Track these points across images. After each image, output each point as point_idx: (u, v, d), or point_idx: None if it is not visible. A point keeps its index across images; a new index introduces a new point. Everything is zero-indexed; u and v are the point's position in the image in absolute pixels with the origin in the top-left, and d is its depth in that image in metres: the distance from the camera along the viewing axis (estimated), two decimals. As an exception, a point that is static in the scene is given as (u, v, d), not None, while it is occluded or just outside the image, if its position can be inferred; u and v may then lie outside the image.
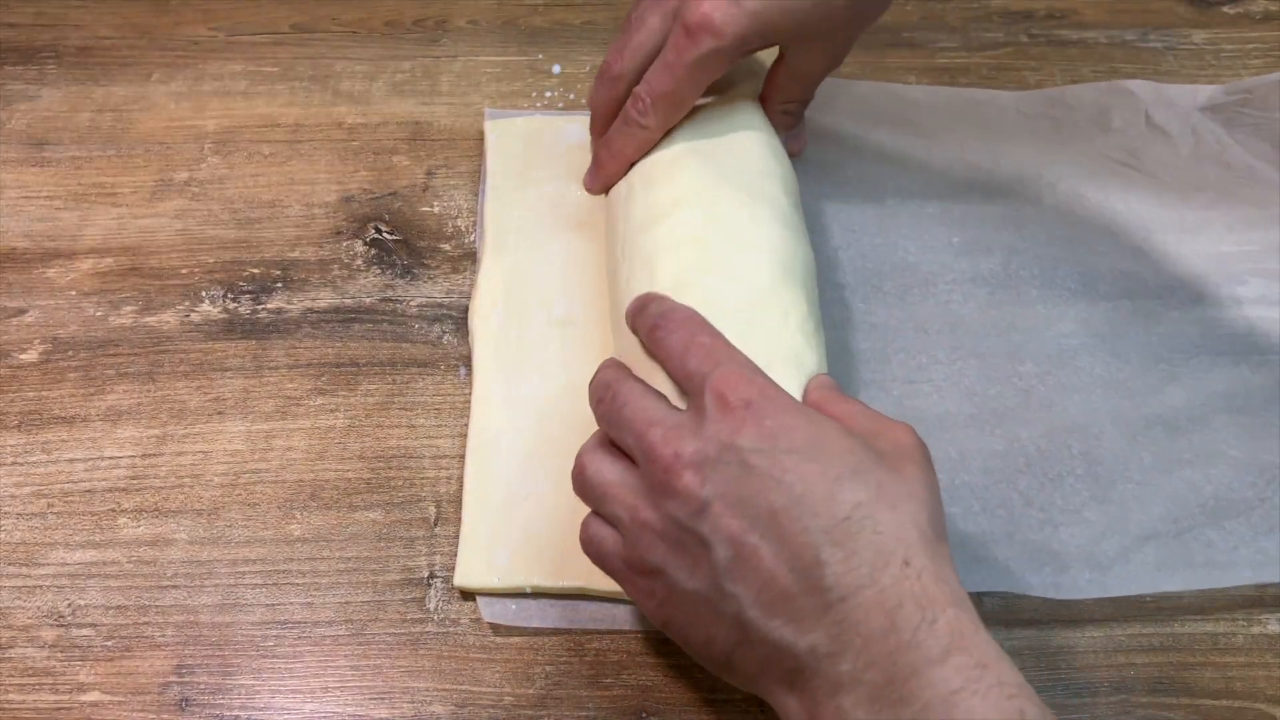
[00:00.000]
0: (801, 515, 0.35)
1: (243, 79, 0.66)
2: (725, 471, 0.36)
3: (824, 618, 0.34)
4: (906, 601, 0.34)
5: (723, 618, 0.37)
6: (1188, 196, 0.60)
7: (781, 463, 0.36)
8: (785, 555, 0.35)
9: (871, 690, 0.33)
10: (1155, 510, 0.48)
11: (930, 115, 0.64)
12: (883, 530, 0.35)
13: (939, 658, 0.33)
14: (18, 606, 0.45)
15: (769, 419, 0.37)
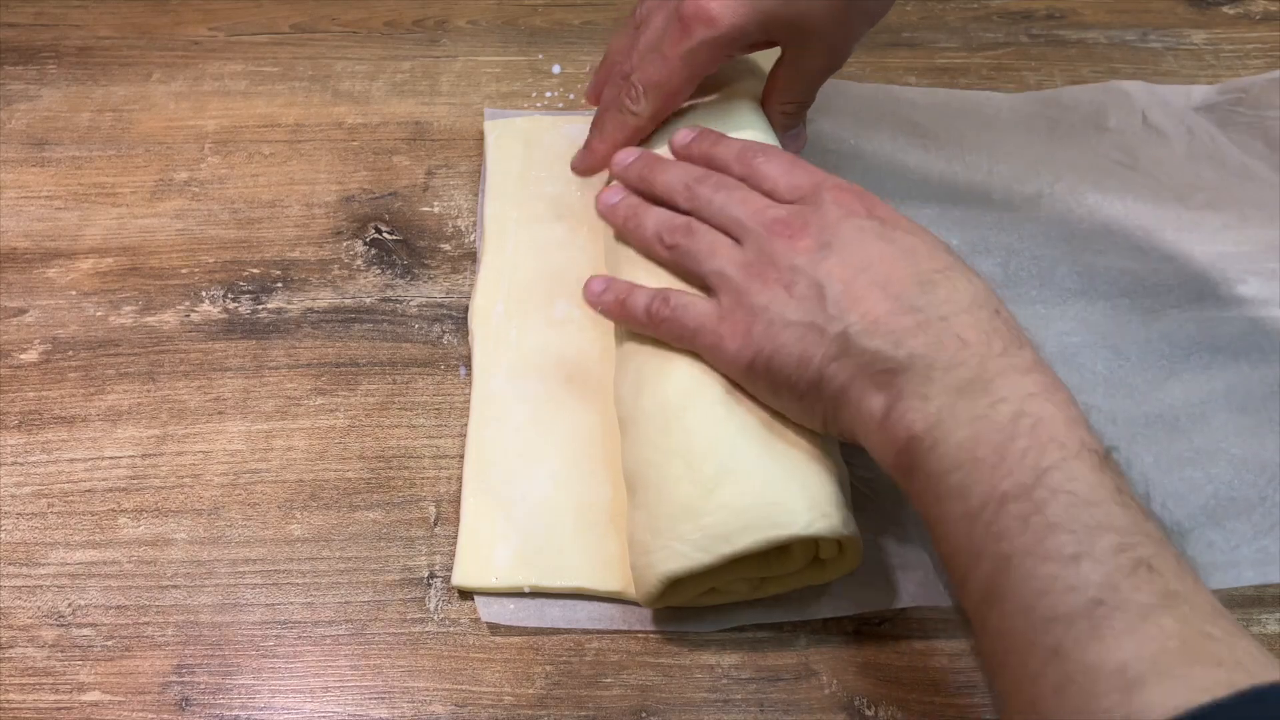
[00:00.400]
0: (908, 261, 0.41)
1: (243, 79, 0.66)
2: (843, 236, 0.43)
3: (925, 331, 0.39)
4: (997, 333, 0.39)
5: (824, 338, 0.41)
6: (1184, 196, 0.60)
7: (889, 233, 0.43)
8: (891, 290, 0.41)
9: (958, 381, 0.38)
10: (1156, 511, 0.48)
11: (928, 116, 0.64)
12: (975, 282, 0.41)
13: (1024, 370, 0.38)
14: (18, 606, 0.45)
15: (880, 209, 0.44)
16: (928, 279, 0.41)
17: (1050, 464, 0.35)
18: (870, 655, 0.44)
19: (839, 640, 0.45)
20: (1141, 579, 0.32)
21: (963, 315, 0.40)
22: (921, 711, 0.43)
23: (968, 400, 0.37)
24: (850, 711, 0.43)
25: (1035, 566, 0.33)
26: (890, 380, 0.39)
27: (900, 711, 0.43)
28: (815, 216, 0.44)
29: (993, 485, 0.35)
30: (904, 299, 0.40)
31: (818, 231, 0.43)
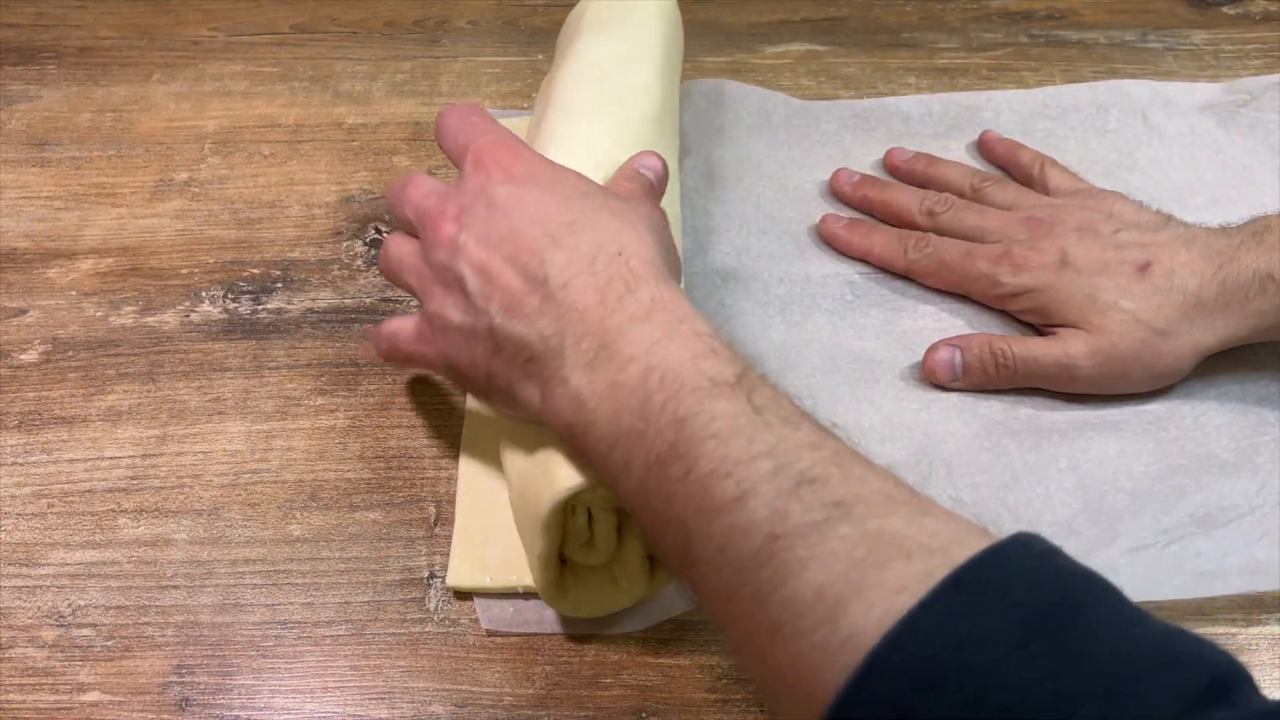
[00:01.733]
0: (532, 226, 0.40)
1: (243, 79, 0.66)
2: (476, 213, 0.41)
3: (549, 306, 0.39)
4: (614, 280, 0.38)
5: (478, 336, 0.40)
6: (1184, 197, 0.60)
7: (521, 194, 0.41)
8: (519, 263, 0.39)
9: (587, 357, 0.37)
10: (1145, 520, 0.47)
11: (923, 127, 0.64)
12: (601, 229, 0.40)
13: (642, 317, 0.37)
14: (18, 606, 0.45)
15: (516, 165, 0.42)
16: (551, 243, 0.40)
17: (686, 412, 0.34)
18: (870, 655, 0.44)
19: (839, 640, 0.45)
20: (806, 495, 0.32)
21: (581, 276, 0.39)
22: (921, 712, 0.43)
23: (601, 372, 0.37)
24: (850, 712, 0.43)
25: (708, 522, 0.33)
26: (536, 368, 0.39)
27: (900, 712, 0.43)
28: (455, 195, 0.43)
29: (647, 452, 0.35)
30: (530, 271, 0.39)
31: (456, 213, 0.42)
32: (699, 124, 0.63)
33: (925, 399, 0.51)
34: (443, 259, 0.42)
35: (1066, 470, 0.49)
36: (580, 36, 0.56)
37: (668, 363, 0.36)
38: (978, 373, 0.51)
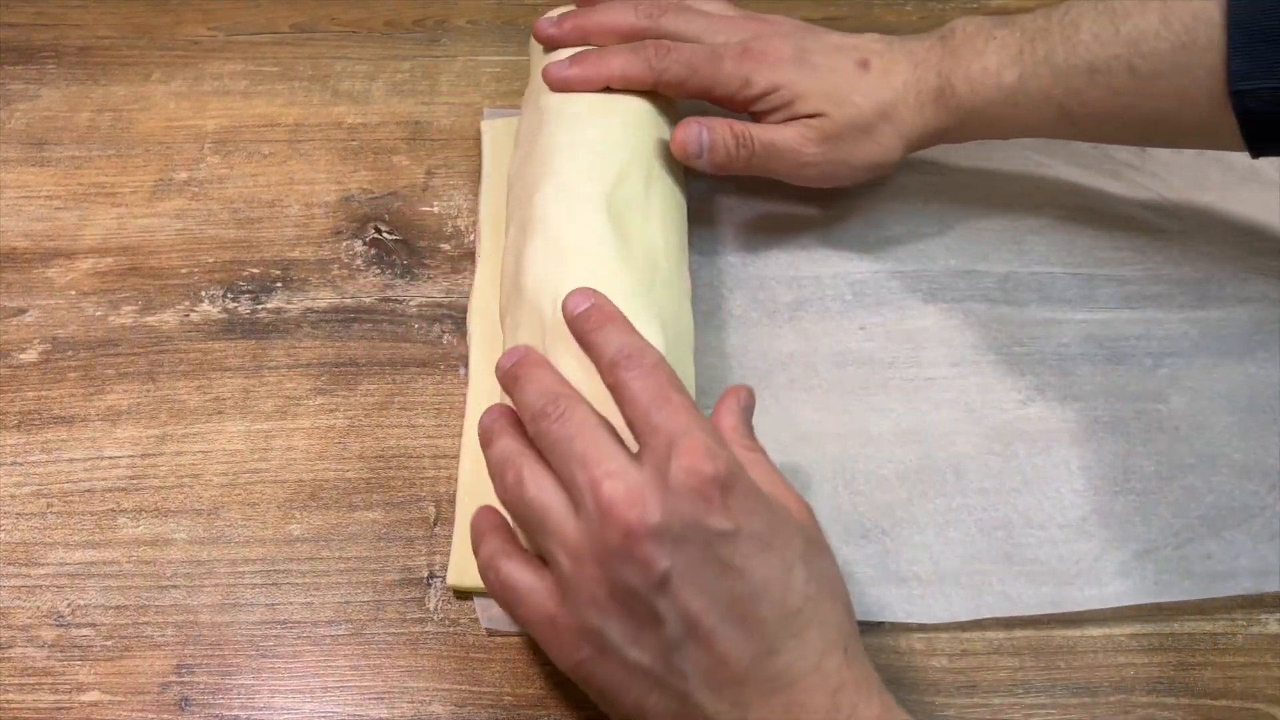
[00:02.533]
0: (760, 605, 0.36)
1: (243, 79, 0.66)
2: (689, 551, 0.36)
3: (771, 699, 0.36)
4: (847, 685, 0.36)
5: (665, 690, 0.36)
6: (1191, 196, 0.60)
7: (744, 550, 0.36)
8: (740, 640, 0.36)
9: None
10: (1156, 522, 0.48)
11: None
12: (828, 622, 0.37)
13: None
14: (17, 606, 0.45)
15: (737, 501, 0.36)
16: (782, 627, 0.36)
17: None
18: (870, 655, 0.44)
19: (839, 640, 0.45)
20: None
21: (811, 677, 0.36)
22: (921, 711, 0.43)
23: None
24: (850, 711, 0.43)
25: None
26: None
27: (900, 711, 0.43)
28: (657, 499, 0.36)
29: None
30: (754, 655, 0.36)
31: (658, 532, 0.35)
32: None
33: (935, 400, 0.51)
34: (633, 582, 0.36)
35: (1077, 472, 0.49)
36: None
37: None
38: (721, 150, 0.52)
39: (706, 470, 0.36)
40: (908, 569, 0.46)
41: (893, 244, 0.58)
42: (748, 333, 0.54)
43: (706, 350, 0.53)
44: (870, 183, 0.57)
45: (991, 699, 0.43)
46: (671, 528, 0.35)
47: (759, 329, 0.54)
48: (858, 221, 0.59)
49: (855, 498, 0.48)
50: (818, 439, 0.50)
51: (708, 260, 0.57)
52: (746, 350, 0.53)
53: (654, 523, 0.35)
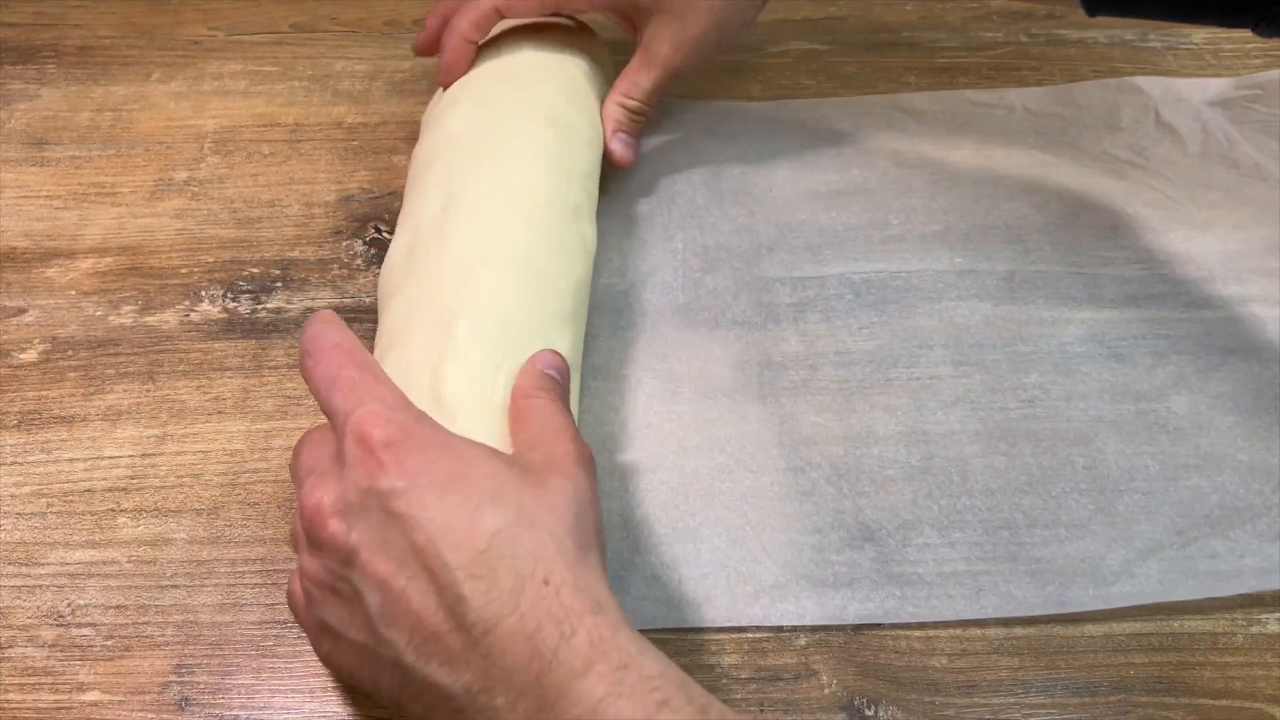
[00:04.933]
0: (442, 551, 0.35)
1: (243, 79, 0.66)
2: (369, 517, 0.36)
3: (473, 654, 0.34)
4: (545, 622, 0.34)
5: (383, 664, 0.36)
6: (1195, 195, 0.60)
7: (422, 499, 0.35)
8: (432, 593, 0.35)
9: (526, 716, 0.34)
10: (1160, 521, 0.48)
11: (936, 125, 0.64)
12: (521, 553, 0.35)
13: (581, 670, 0.33)
14: (17, 606, 0.45)
15: (410, 457, 0.36)
16: (470, 573, 0.35)
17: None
18: (870, 655, 0.44)
19: (839, 640, 0.45)
20: None
21: (508, 619, 0.34)
22: (921, 711, 0.43)
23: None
24: (850, 711, 0.43)
25: None
26: (455, 712, 0.35)
27: (900, 711, 0.43)
28: (335, 485, 0.37)
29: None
30: (445, 605, 0.35)
31: (341, 508, 0.36)
32: (706, 138, 0.63)
33: (941, 400, 0.51)
34: (331, 564, 0.37)
35: (1082, 471, 0.49)
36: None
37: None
38: (640, 132, 0.57)
39: (375, 435, 0.36)
40: (911, 570, 0.46)
41: (895, 243, 0.58)
42: (751, 336, 0.54)
43: (709, 356, 0.53)
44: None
45: (991, 699, 0.43)
46: (349, 500, 0.36)
47: (762, 331, 0.54)
48: (860, 221, 0.59)
49: (860, 499, 0.48)
50: (821, 440, 0.50)
51: (710, 262, 0.57)
52: (749, 353, 0.53)
53: (330, 501, 0.36)
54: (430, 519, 0.35)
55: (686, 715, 0.33)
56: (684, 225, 0.59)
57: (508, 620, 0.34)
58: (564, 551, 0.36)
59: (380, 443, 0.36)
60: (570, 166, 0.51)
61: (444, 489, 0.36)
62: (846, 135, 0.63)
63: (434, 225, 0.48)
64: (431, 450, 0.37)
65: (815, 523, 0.47)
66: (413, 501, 0.35)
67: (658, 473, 0.49)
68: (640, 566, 0.46)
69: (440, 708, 0.35)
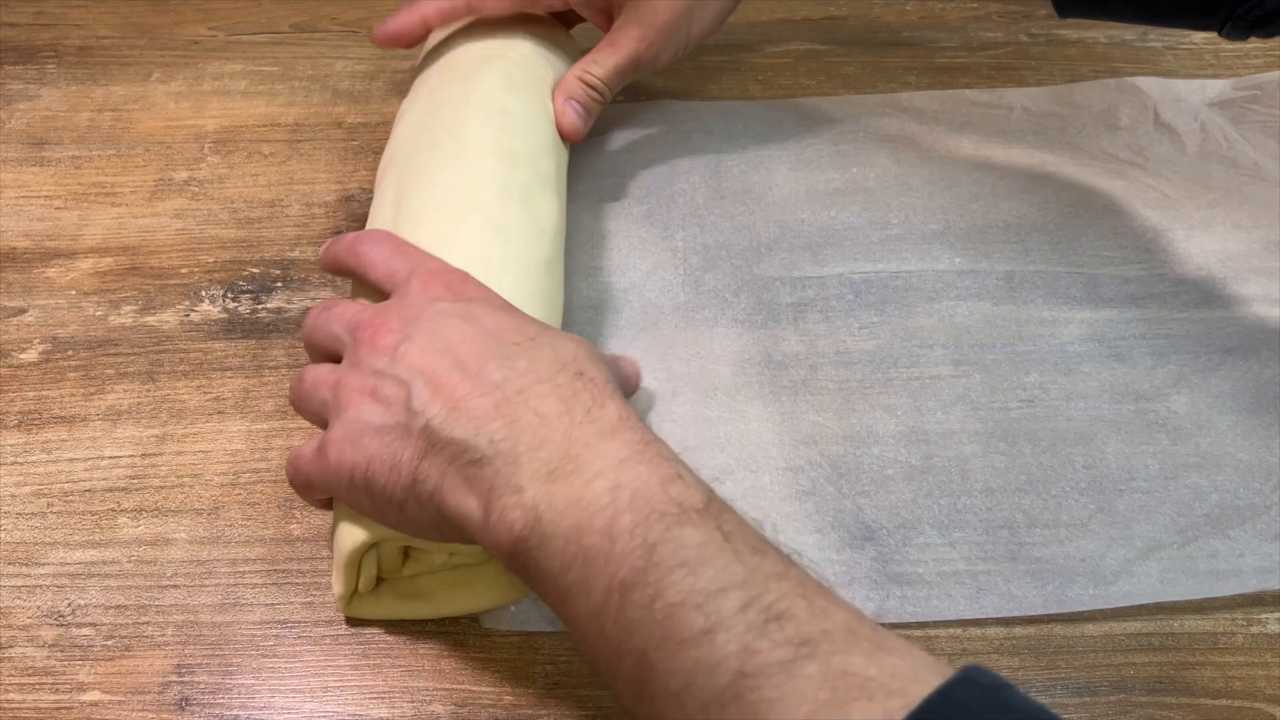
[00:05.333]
0: (489, 338, 0.39)
1: (243, 79, 0.66)
2: (423, 324, 0.40)
3: (504, 409, 0.37)
4: (580, 393, 0.37)
5: (409, 435, 0.38)
6: (1194, 194, 0.60)
7: (474, 311, 0.41)
8: (471, 368, 0.38)
9: (547, 463, 0.36)
10: (1160, 520, 0.48)
11: (935, 125, 0.64)
12: (561, 349, 0.39)
13: (610, 433, 0.36)
14: (18, 606, 0.45)
15: (469, 288, 0.42)
16: (508, 353, 0.39)
17: (657, 538, 0.33)
18: (870, 655, 0.44)
19: (839, 640, 0.45)
20: (775, 632, 0.31)
21: (542, 384, 0.37)
22: (921, 711, 0.43)
23: (562, 483, 0.35)
24: (850, 711, 0.43)
25: (673, 655, 0.32)
26: (480, 473, 0.37)
27: (900, 711, 0.43)
28: (398, 309, 0.41)
29: (610, 576, 0.34)
30: (483, 377, 0.38)
31: (399, 325, 0.40)
32: (706, 138, 0.63)
33: (942, 399, 0.51)
34: (379, 365, 0.40)
35: (1081, 471, 0.49)
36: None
37: (636, 484, 0.35)
38: (595, 108, 0.57)
39: (441, 276, 0.43)
40: (911, 570, 0.46)
41: (895, 243, 0.58)
42: (751, 335, 0.54)
43: (709, 355, 0.53)
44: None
45: (991, 699, 0.43)
46: (408, 315, 0.41)
47: (762, 331, 0.54)
48: (860, 221, 0.59)
49: (860, 499, 0.48)
50: (821, 440, 0.50)
51: (710, 262, 0.57)
52: (749, 353, 0.53)
53: (393, 318, 0.41)
54: (478, 320, 0.40)
55: (696, 490, 0.35)
56: (684, 224, 0.59)
57: (544, 385, 0.38)
58: (600, 370, 0.39)
59: (440, 280, 0.42)
60: (511, 149, 0.51)
61: (495, 308, 0.41)
62: (846, 135, 0.63)
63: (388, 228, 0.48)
64: (486, 290, 0.43)
65: (815, 522, 0.47)
66: (468, 311, 0.40)
67: None
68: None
69: (456, 462, 0.37)
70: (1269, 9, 0.47)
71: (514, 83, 0.54)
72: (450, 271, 0.43)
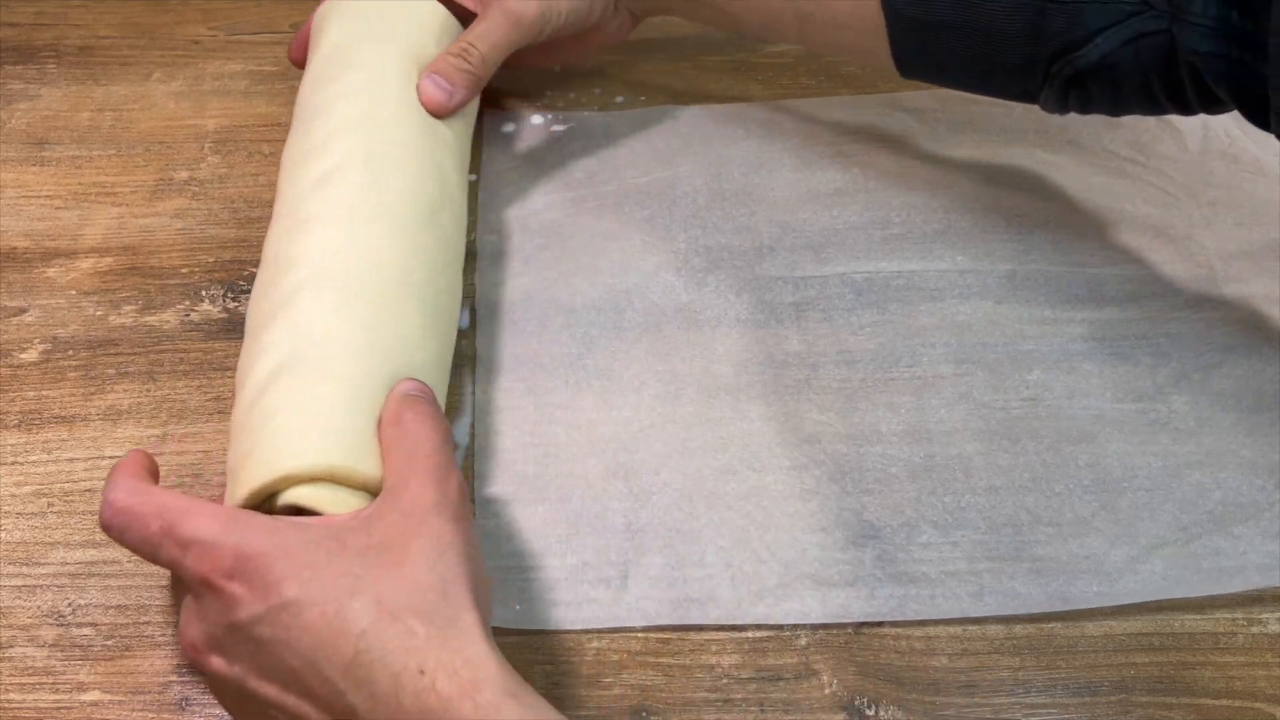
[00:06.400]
0: (319, 667, 0.35)
1: (243, 78, 0.66)
2: (241, 648, 0.36)
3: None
4: (426, 715, 0.34)
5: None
6: (1196, 192, 0.60)
7: (282, 620, 0.35)
8: (323, 709, 0.35)
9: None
10: (1164, 518, 0.48)
11: (936, 124, 0.64)
12: (390, 649, 0.35)
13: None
14: (18, 606, 0.45)
15: (256, 580, 0.36)
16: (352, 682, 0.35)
17: None
18: (870, 655, 0.44)
19: (839, 640, 0.45)
20: None
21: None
22: (922, 711, 0.43)
23: None
24: (850, 711, 0.43)
25: None
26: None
27: (900, 711, 0.43)
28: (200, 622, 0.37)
29: None
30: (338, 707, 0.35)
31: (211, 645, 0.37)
32: (707, 139, 0.63)
33: (944, 398, 0.51)
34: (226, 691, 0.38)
35: (1084, 469, 0.49)
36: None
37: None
38: (471, 86, 0.54)
39: (213, 576, 0.36)
40: (914, 568, 0.46)
41: (896, 242, 0.58)
42: (753, 335, 0.54)
43: (712, 356, 0.53)
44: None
45: (992, 699, 0.43)
46: (217, 637, 0.37)
47: (764, 331, 0.54)
48: (861, 220, 0.59)
49: (864, 497, 0.48)
50: (824, 439, 0.50)
51: (712, 262, 0.57)
52: (751, 353, 0.53)
53: (203, 641, 0.37)
54: (296, 639, 0.35)
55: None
56: (686, 226, 0.59)
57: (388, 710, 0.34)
58: (433, 632, 0.35)
59: (223, 577, 0.36)
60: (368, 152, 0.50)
61: (300, 605, 0.35)
62: (847, 135, 0.63)
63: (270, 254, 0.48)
64: (276, 563, 0.36)
65: (819, 521, 0.47)
66: (276, 626, 0.35)
67: (661, 474, 0.49)
68: (644, 567, 0.46)
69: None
70: (1079, 67, 0.48)
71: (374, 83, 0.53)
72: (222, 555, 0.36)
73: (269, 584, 0.36)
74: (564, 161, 0.62)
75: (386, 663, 0.34)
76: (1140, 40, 0.46)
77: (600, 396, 0.51)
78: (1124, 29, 0.46)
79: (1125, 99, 0.49)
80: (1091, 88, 0.49)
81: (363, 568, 0.36)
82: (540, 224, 0.59)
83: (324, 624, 0.35)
